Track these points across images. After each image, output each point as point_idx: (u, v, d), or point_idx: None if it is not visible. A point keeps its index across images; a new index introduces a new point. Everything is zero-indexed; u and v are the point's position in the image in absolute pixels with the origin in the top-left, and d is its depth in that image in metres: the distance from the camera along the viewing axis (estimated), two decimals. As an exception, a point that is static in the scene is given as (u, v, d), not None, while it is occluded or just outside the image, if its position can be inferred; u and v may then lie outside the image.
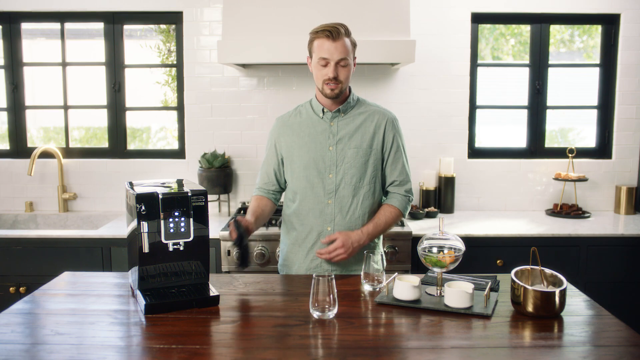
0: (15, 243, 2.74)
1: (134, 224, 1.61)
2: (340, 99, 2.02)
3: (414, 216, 3.10)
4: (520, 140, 3.46)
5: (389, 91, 3.30)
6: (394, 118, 2.09)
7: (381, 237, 2.19)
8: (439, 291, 1.70)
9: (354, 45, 1.99)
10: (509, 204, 3.40)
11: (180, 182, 1.79)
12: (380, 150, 2.05)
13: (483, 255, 2.76)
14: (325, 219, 2.03)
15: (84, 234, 2.75)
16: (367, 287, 1.77)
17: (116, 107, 3.39)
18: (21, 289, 2.75)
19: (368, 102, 2.11)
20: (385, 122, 2.05)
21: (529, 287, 1.54)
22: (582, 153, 3.41)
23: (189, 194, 1.62)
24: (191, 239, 1.64)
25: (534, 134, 3.43)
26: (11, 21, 3.34)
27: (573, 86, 3.44)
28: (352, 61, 1.98)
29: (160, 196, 1.58)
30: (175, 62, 3.40)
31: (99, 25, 3.36)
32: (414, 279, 1.69)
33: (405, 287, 1.64)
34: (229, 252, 2.68)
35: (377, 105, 2.12)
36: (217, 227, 2.78)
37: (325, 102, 2.03)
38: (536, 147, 3.44)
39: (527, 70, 3.39)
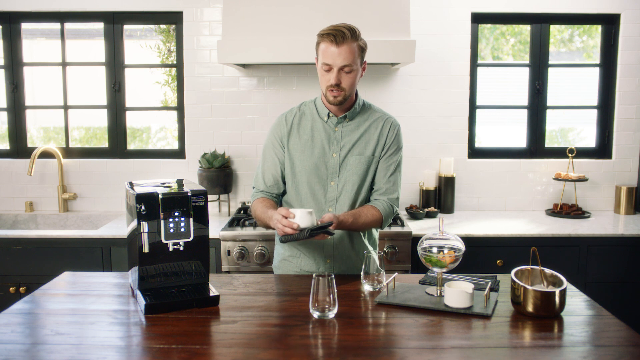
0: (15, 243, 2.74)
1: (134, 224, 1.61)
2: (345, 105, 1.93)
3: (414, 216, 3.10)
4: (520, 140, 3.46)
5: (389, 91, 3.30)
6: (398, 126, 2.02)
7: (378, 240, 2.17)
8: (439, 291, 1.70)
9: (361, 49, 1.86)
10: (509, 204, 3.40)
11: (180, 182, 1.79)
12: (379, 156, 1.99)
13: (483, 255, 2.76)
14: None
15: (84, 234, 2.75)
16: (367, 287, 1.77)
17: (116, 107, 3.39)
18: (21, 289, 2.75)
19: (374, 108, 2.03)
20: (389, 129, 1.99)
21: (529, 287, 1.54)
22: (582, 153, 3.41)
23: (189, 194, 1.62)
24: (191, 239, 1.63)
25: (534, 134, 3.43)
26: (11, 21, 3.34)
27: (573, 86, 3.44)
28: (360, 66, 1.87)
29: (160, 196, 1.58)
30: (175, 62, 3.40)
31: (99, 25, 3.36)
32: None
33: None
34: (229, 252, 2.68)
35: (383, 110, 2.04)
36: (217, 227, 2.78)
37: (331, 107, 1.94)
38: (536, 147, 3.44)
39: (527, 70, 3.39)
